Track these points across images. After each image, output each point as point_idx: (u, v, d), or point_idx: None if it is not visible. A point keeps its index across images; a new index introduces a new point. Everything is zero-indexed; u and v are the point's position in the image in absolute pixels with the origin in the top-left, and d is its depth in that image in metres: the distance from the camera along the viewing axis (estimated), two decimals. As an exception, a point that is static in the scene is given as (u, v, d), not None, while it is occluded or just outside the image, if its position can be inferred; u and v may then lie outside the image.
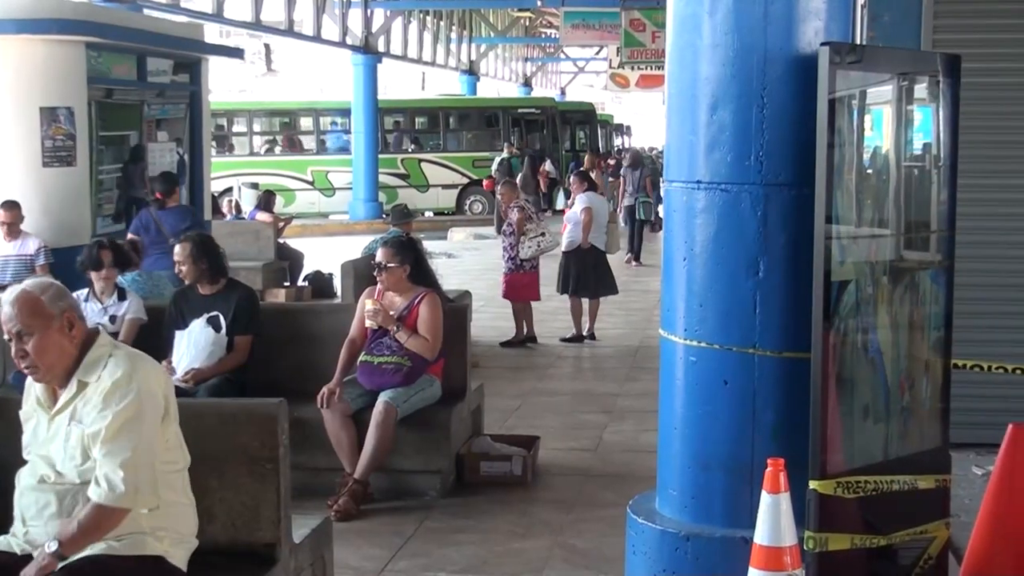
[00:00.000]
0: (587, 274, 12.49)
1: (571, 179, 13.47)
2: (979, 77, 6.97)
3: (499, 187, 12.66)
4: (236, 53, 16.33)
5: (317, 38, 27.05)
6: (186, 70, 13.54)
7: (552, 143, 32.31)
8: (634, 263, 19.71)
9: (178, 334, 7.14)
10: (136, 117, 12.71)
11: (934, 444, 4.94)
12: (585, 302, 12.73)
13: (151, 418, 3.86)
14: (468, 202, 30.10)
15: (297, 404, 6.58)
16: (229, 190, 25.11)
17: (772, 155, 4.65)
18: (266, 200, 17.18)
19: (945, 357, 4.94)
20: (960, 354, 5.06)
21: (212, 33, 23.25)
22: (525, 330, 12.39)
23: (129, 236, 10.27)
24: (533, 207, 13.18)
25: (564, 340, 12.54)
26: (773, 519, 4.10)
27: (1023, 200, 7.64)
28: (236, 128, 31.11)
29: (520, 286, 12.32)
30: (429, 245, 12.18)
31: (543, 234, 12.31)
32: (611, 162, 32.44)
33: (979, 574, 4.89)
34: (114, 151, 12.46)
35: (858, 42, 6.61)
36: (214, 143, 29.59)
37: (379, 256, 7.24)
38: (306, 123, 31.79)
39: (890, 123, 4.99)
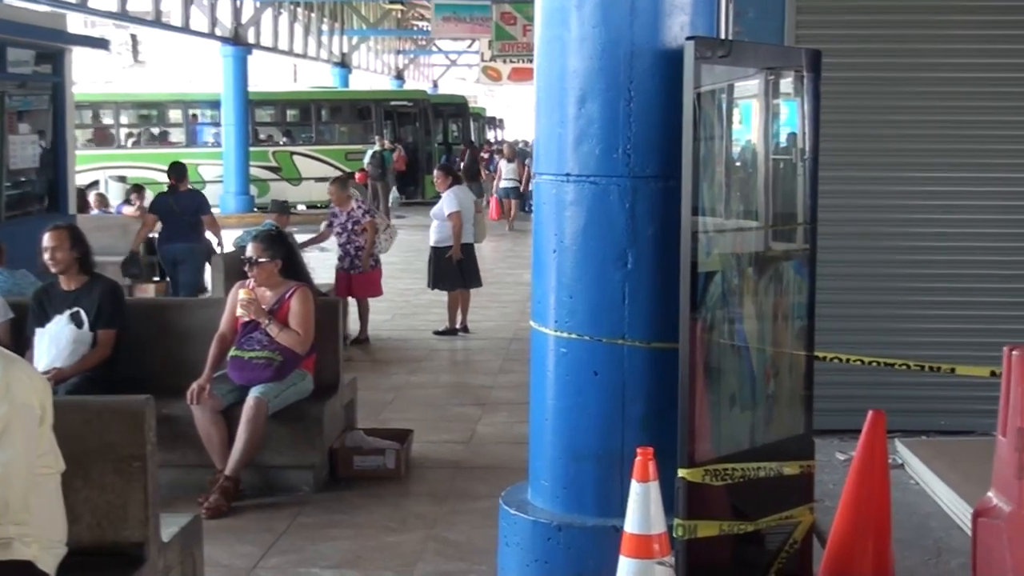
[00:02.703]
0: (456, 268, 12.48)
1: (435, 174, 13.26)
2: (840, 72, 7.15)
3: (329, 186, 12.43)
4: (101, 44, 15.99)
5: (185, 29, 26.60)
6: (49, 61, 13.22)
7: (425, 136, 32.26)
8: None
9: (39, 332, 6.96)
10: (-3, 109, 12.37)
11: (798, 431, 5.05)
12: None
13: (25, 432, 3.73)
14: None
15: (167, 400, 6.50)
16: (95, 183, 24.57)
17: (640, 148, 4.70)
18: (132, 194, 16.86)
19: (808, 346, 5.04)
20: (821, 343, 5.18)
21: (76, 23, 22.70)
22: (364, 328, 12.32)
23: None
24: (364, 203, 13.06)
25: (437, 333, 12.55)
26: (643, 507, 4.16)
27: (881, 192, 7.86)
28: (103, 120, 30.48)
29: (374, 283, 12.29)
30: (302, 239, 12.09)
31: (388, 226, 12.40)
32: (484, 155, 32.55)
33: (842, 556, 5.01)
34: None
35: (723, 37, 6.71)
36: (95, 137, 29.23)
37: (249, 251, 7.16)
38: (175, 115, 31.27)
39: (757, 117, 5.08)
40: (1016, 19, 7.80)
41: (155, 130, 31.24)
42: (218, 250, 12.74)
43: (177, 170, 13.22)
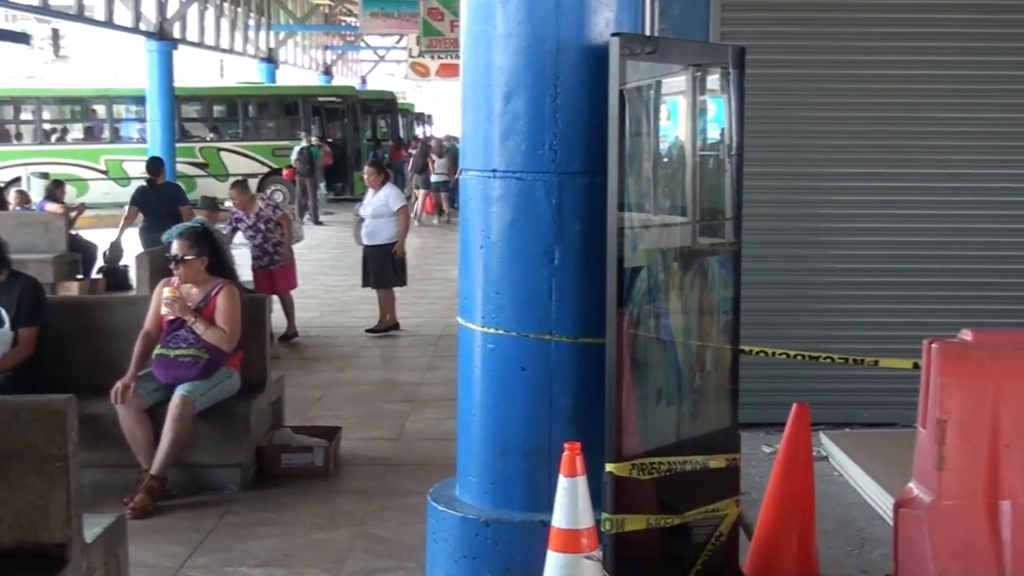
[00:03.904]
0: (390, 265, 12.42)
1: (366, 170, 13.06)
2: (764, 68, 7.23)
3: (230, 191, 12.37)
4: (22, 38, 15.82)
5: (109, 23, 26.16)
6: (-32, 56, 13.03)
7: (353, 132, 32.09)
8: None
9: (-42, 331, 6.86)
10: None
11: (724, 424, 5.09)
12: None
13: None
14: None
15: (90, 399, 6.43)
16: (16, 180, 24.20)
17: (566, 144, 4.71)
18: (54, 190, 16.65)
19: (733, 340, 5.09)
20: (747, 337, 5.22)
21: (-3, 17, 22.32)
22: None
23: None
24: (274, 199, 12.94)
25: (372, 332, 12.43)
26: (570, 502, 4.17)
27: (805, 188, 7.95)
28: (24, 116, 30.03)
29: (293, 276, 12.24)
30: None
31: (293, 215, 12.53)
32: (411, 151, 32.44)
33: (767, 548, 5.07)
34: None
35: (648, 33, 6.75)
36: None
37: (175, 248, 7.08)
38: (99, 111, 30.87)
39: (683, 113, 5.11)
40: (940, 17, 7.92)
41: (79, 126, 30.82)
42: None
43: (155, 164, 14.15)
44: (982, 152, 7.98)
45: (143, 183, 14.36)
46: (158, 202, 13.34)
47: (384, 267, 12.43)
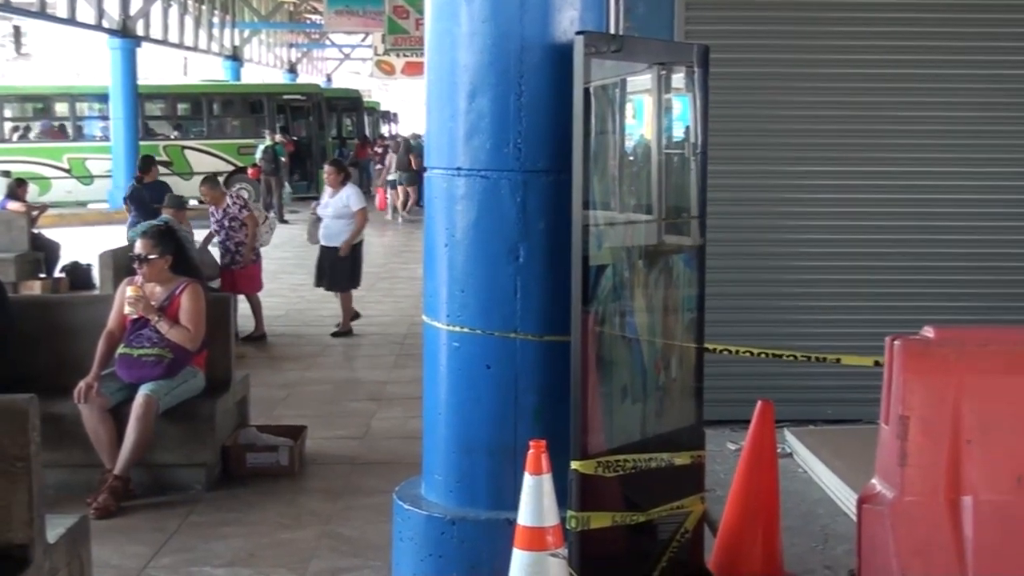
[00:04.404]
0: (345, 267, 12.35)
1: (327, 169, 12.84)
2: (728, 67, 7.26)
3: (200, 187, 12.33)
4: (-17, 36, 15.69)
5: (71, 20, 26.01)
6: (-72, 53, 12.94)
7: (318, 130, 31.99)
8: None
9: (-81, 330, 6.80)
10: None
11: (689, 422, 5.11)
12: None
13: None
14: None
15: (54, 399, 6.40)
16: (-21, 179, 24.01)
17: (530, 142, 4.71)
18: (16, 188, 16.53)
19: (698, 338, 5.10)
20: (711, 335, 5.24)
21: (-43, 14, 22.11)
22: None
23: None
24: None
25: (336, 335, 12.34)
26: (535, 500, 4.17)
27: (769, 186, 7.98)
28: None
29: (256, 277, 12.15)
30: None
31: (267, 218, 12.53)
32: (378, 150, 32.41)
33: (732, 544, 5.09)
34: None
35: (612, 32, 6.76)
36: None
37: (138, 248, 7.04)
38: (62, 109, 30.64)
39: (648, 111, 5.12)
40: (904, 16, 7.96)
41: (41, 124, 30.58)
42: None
43: (145, 162, 15.52)
44: (945, 151, 8.04)
45: (134, 181, 15.32)
46: (149, 198, 13.97)
47: (343, 269, 12.36)
